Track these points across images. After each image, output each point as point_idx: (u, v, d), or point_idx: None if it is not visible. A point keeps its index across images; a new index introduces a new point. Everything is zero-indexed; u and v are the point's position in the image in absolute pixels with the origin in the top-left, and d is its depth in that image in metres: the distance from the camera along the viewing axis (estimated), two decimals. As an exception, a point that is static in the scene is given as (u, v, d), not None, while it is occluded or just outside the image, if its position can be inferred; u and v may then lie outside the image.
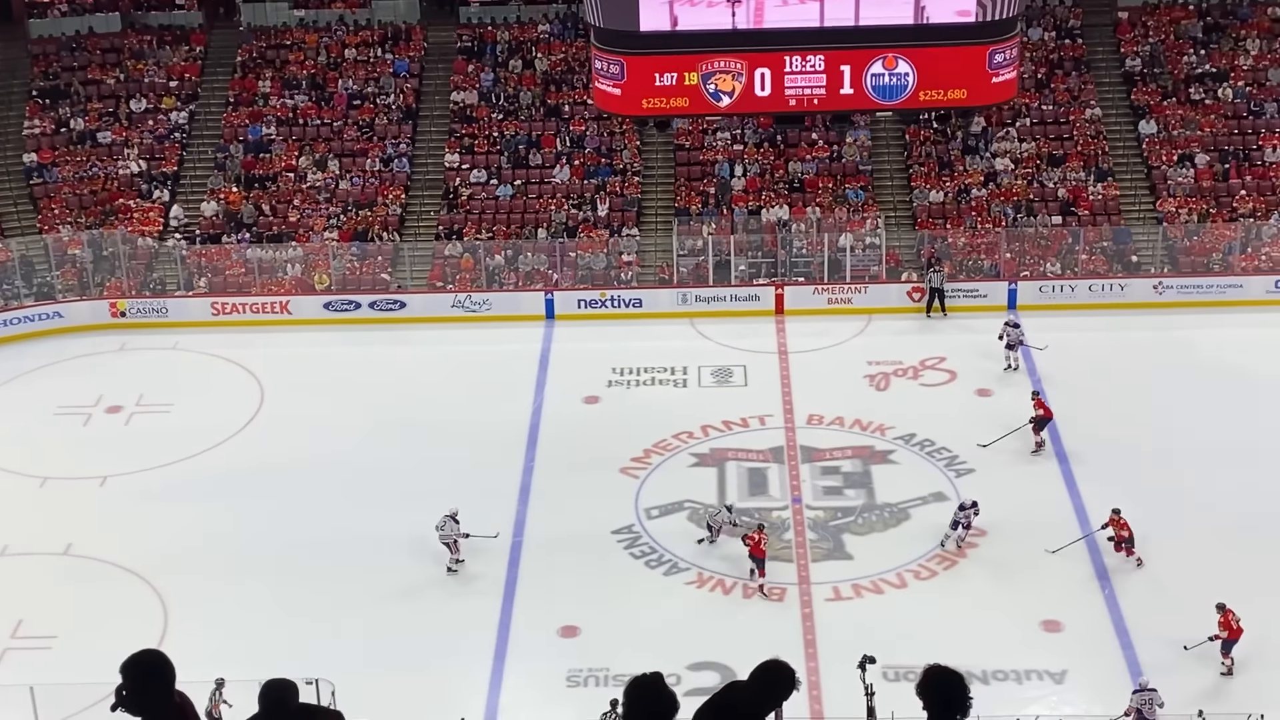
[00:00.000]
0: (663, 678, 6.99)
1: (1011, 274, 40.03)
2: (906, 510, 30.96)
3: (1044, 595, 27.83)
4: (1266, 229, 40.71)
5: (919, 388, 35.97)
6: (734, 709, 6.84)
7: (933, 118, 41.81)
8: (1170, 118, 43.38)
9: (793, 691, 7.01)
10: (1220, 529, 29.69)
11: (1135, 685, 24.51)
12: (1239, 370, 35.65)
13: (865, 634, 25.41)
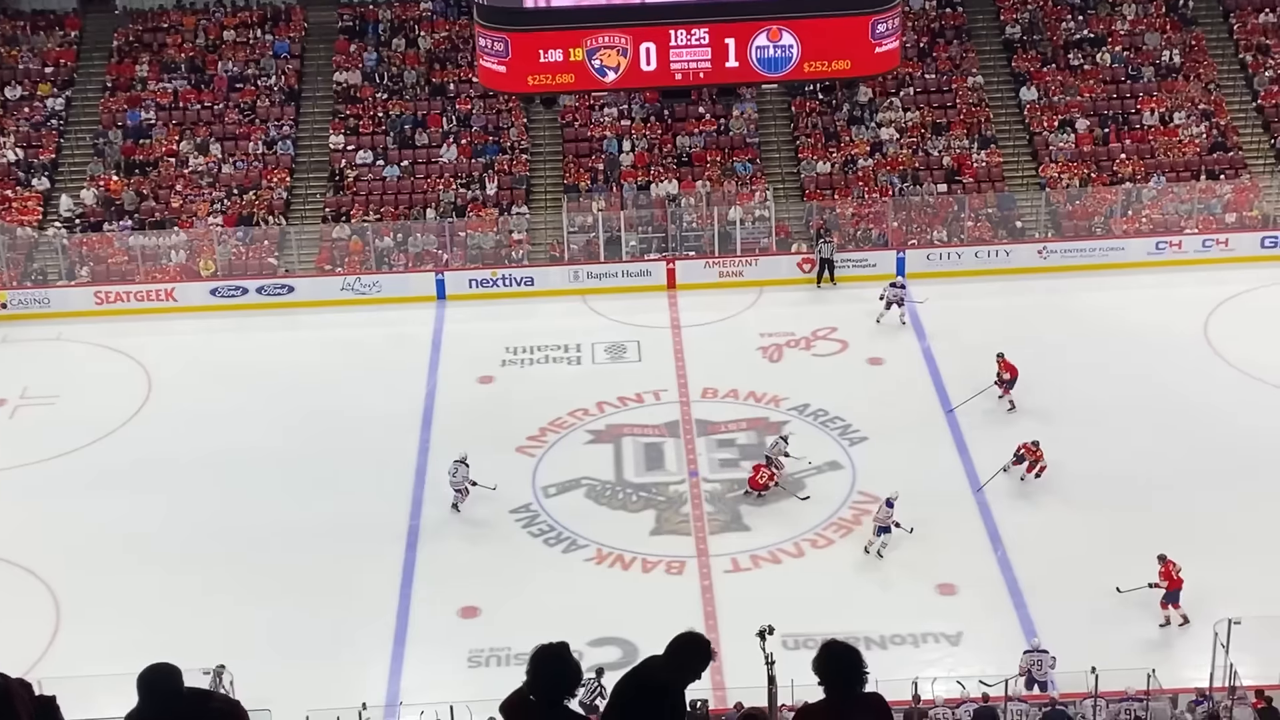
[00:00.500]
0: (568, 647, 7.04)
1: (899, 243, 40.45)
2: (802, 480, 31.22)
3: (938, 559, 28.23)
4: (1146, 192, 41.43)
5: (811, 358, 36.27)
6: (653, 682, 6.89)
7: (818, 89, 42.16)
8: (1050, 84, 43.99)
9: (709, 662, 7.09)
10: (1110, 486, 30.24)
11: (1027, 646, 24.97)
12: (1123, 330, 36.29)
13: (764, 604, 25.58)
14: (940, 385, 34.43)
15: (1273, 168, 42.14)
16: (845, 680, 6.47)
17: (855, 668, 6.50)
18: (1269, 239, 40.15)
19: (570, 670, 6.87)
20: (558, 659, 6.84)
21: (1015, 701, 23.59)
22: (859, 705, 6.34)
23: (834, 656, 6.53)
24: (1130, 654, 24.18)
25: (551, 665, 6.85)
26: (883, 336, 36.85)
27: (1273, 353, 34.94)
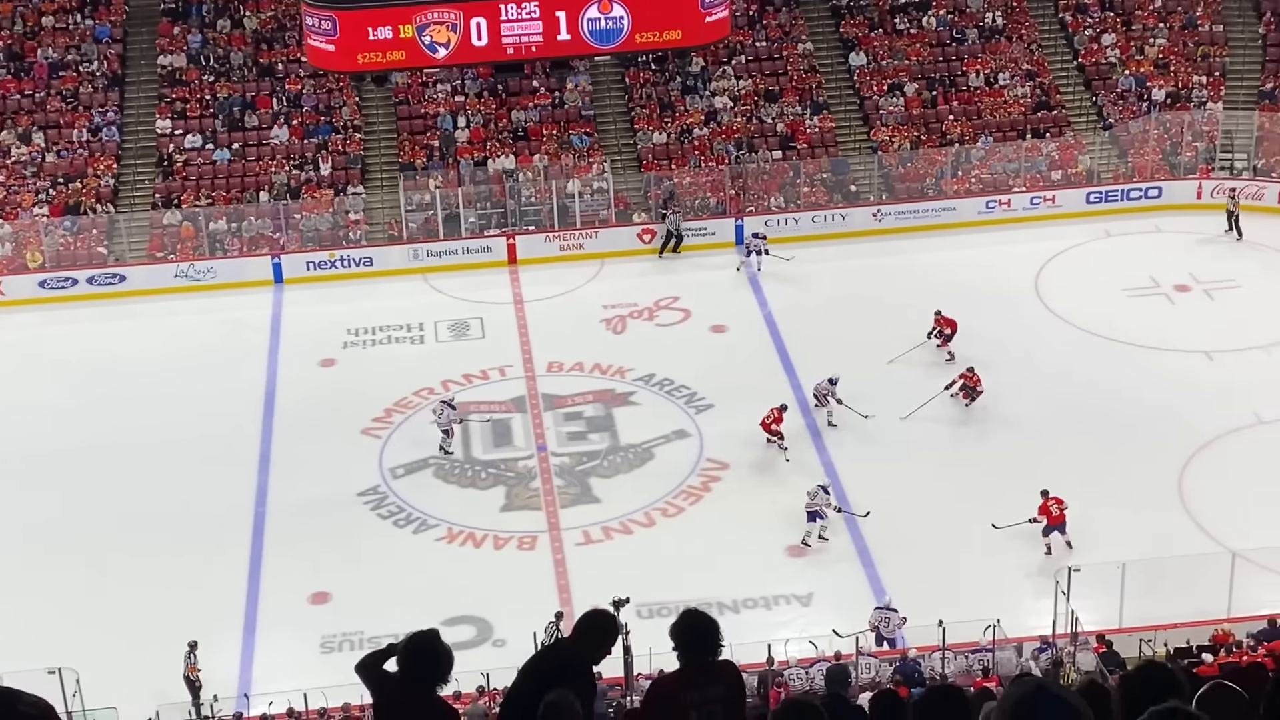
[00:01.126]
0: (439, 634, 7.00)
1: (737, 210, 40.74)
2: (650, 450, 31.39)
3: (787, 522, 28.54)
4: (975, 152, 42.19)
5: (655, 328, 36.43)
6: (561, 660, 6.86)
7: (651, 60, 42.27)
8: (878, 48, 44.54)
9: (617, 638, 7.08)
10: (951, 444, 30.82)
11: (878, 604, 25.40)
12: (957, 289, 36.88)
13: (617, 575, 25.75)
14: (783, 350, 34.80)
15: (1095, 125, 43.14)
16: (700, 648, 6.51)
17: (710, 636, 6.55)
18: (1094, 194, 41.14)
19: (443, 657, 6.84)
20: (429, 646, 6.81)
21: (866, 657, 23.97)
22: (713, 673, 6.40)
23: (690, 625, 6.58)
24: (975, 606, 24.64)
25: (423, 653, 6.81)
26: (725, 304, 37.11)
27: (1101, 306, 35.84)
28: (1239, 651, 23.33)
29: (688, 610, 6.67)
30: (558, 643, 7.25)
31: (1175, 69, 43.80)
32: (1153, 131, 42.35)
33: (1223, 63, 43.88)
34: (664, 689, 6.53)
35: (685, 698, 6.36)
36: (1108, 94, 43.66)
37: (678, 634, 6.55)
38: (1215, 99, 43.08)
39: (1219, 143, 42.11)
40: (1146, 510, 28.29)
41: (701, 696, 6.34)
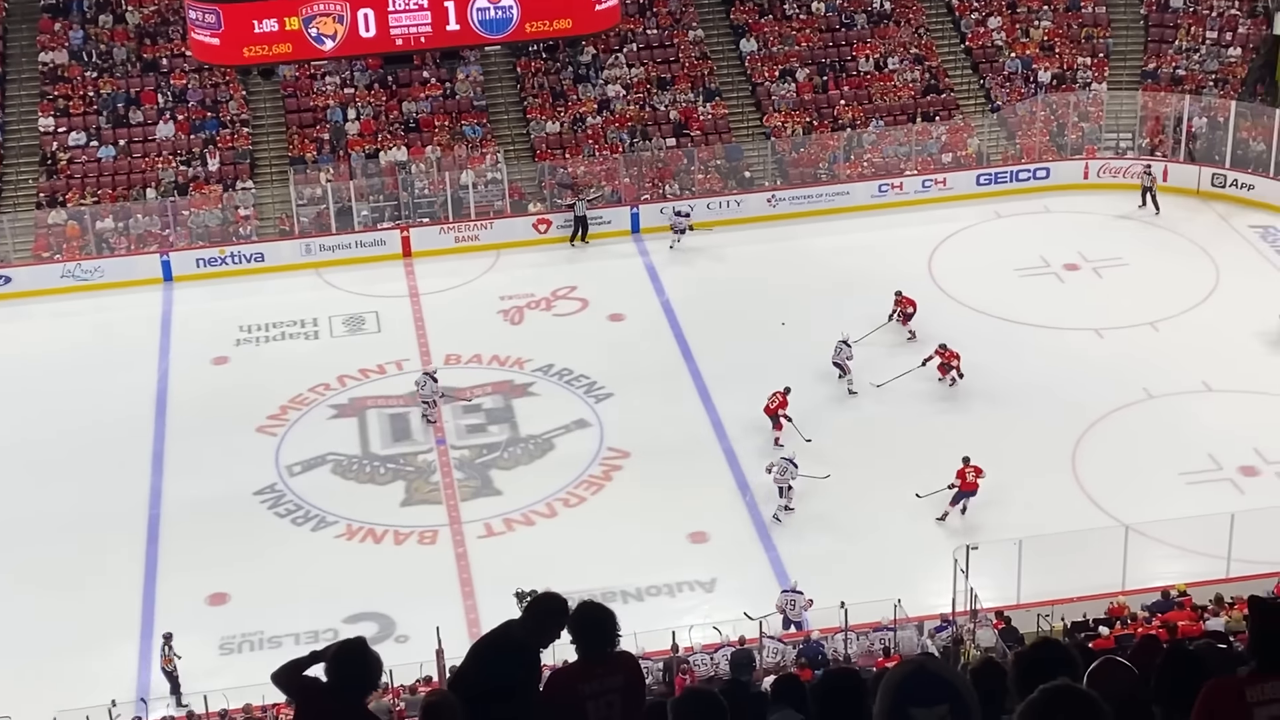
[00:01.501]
0: (366, 641, 6.92)
1: (633, 198, 40.74)
2: (551, 440, 31.34)
3: (689, 509, 28.62)
4: (866, 136, 42.50)
5: (553, 318, 36.35)
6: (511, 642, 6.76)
7: (541, 49, 42.14)
8: (769, 34, 44.71)
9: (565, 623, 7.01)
10: (850, 428, 31.02)
11: (785, 587, 25.54)
12: (852, 273, 37.18)
13: (520, 567, 25.73)
14: (681, 337, 34.87)
15: (983, 107, 43.61)
16: (597, 640, 6.50)
17: (606, 627, 6.54)
18: (984, 176, 41.59)
19: (372, 665, 6.77)
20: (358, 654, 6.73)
21: (771, 641, 24.10)
22: (610, 664, 6.39)
23: (585, 617, 6.56)
24: (875, 586, 24.86)
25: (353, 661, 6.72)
26: (622, 292, 37.11)
27: (992, 286, 36.24)
28: (1134, 624, 23.74)
29: (583, 602, 6.66)
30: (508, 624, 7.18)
31: (1060, 51, 44.38)
32: (1039, 113, 42.89)
33: (1106, 44, 44.52)
34: (561, 680, 6.52)
35: (583, 689, 6.35)
36: (995, 77, 44.15)
37: (574, 626, 6.53)
38: (1099, 80, 43.70)
39: (1104, 123, 42.72)
40: (1041, 487, 28.68)
41: (600, 687, 6.33)
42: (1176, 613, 24.15)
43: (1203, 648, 8.18)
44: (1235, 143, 40.91)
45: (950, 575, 24.70)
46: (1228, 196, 40.26)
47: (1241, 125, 41.14)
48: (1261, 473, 29.12)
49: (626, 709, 6.28)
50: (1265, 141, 40.58)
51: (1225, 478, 29.01)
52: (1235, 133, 40.97)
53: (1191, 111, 41.68)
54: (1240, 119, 41.15)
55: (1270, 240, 38.25)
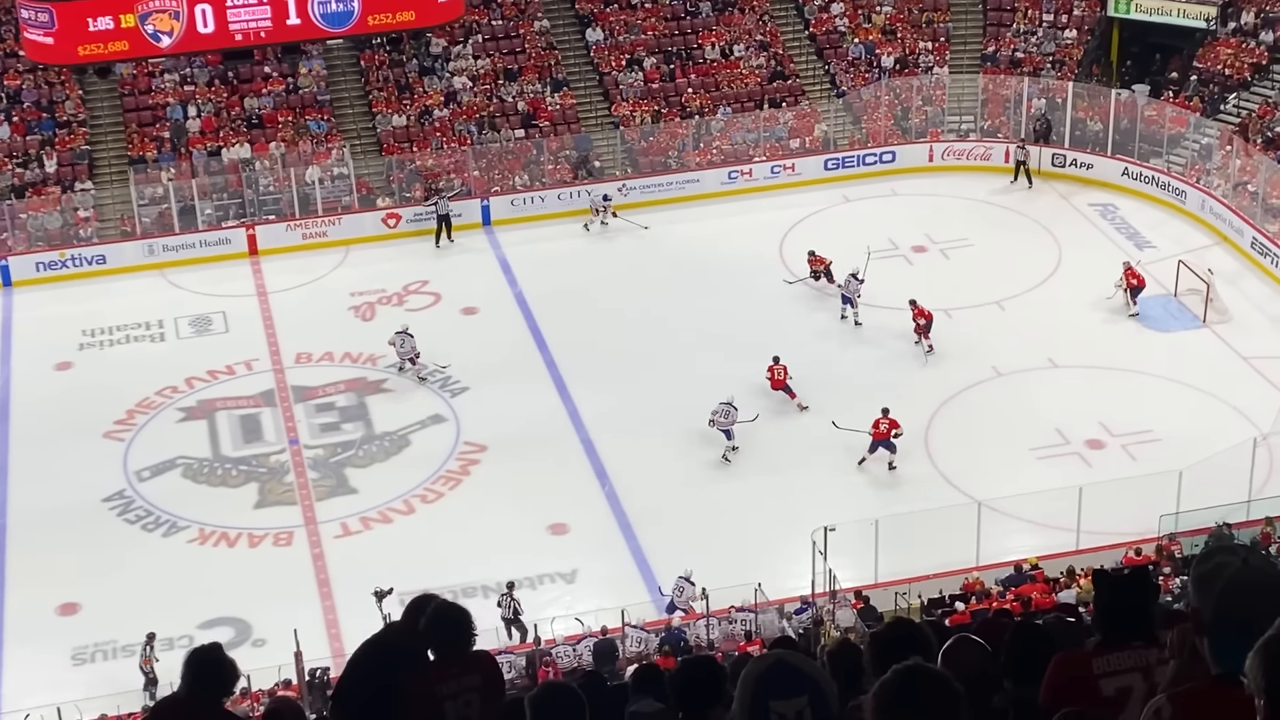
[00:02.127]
0: (221, 647, 6.81)
1: (483, 190, 40.56)
2: (406, 437, 31.13)
3: (548, 501, 28.60)
4: (714, 124, 42.73)
5: (405, 313, 36.01)
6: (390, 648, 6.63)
7: (385, 41, 41.78)
8: (614, 24, 44.74)
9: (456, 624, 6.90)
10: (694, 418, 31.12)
11: (681, 573, 25.47)
12: (704, 260, 37.37)
13: (379, 565, 25.51)
14: (535, 328, 34.80)
15: (829, 93, 44.06)
16: (452, 640, 6.46)
17: (461, 626, 6.49)
18: (831, 161, 42.02)
19: (227, 669, 6.67)
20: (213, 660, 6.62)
21: (633, 629, 24.18)
22: (467, 663, 6.36)
23: (439, 617, 6.51)
24: (736, 571, 25.05)
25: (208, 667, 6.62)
26: (474, 285, 36.94)
27: (842, 270, 36.56)
28: (988, 598, 24.19)
29: (439, 603, 6.61)
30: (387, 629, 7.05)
31: (902, 35, 44.99)
32: (884, 97, 43.43)
33: (946, 28, 45.21)
34: (418, 682, 6.46)
35: (440, 689, 6.30)
36: (839, 62, 44.62)
37: (429, 627, 6.48)
38: (941, 64, 44.38)
39: (946, 106, 43.39)
40: (896, 466, 29.06)
41: (457, 687, 6.29)
42: (1029, 586, 24.67)
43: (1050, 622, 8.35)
44: (1073, 123, 41.78)
45: (809, 557, 24.97)
46: (1067, 176, 41.10)
47: (1079, 106, 42.03)
48: (1107, 445, 29.81)
49: (485, 708, 6.24)
50: (1102, 121, 41.50)
51: (1073, 451, 29.65)
52: (1073, 113, 41.85)
53: (1031, 93, 42.48)
54: (1078, 100, 42.05)
55: (1109, 218, 39.14)
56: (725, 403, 29.68)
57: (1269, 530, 25.57)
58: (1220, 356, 32.86)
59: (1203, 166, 39.63)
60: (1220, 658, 4.17)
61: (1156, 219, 38.94)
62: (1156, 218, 39.03)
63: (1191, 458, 26.88)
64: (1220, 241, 37.51)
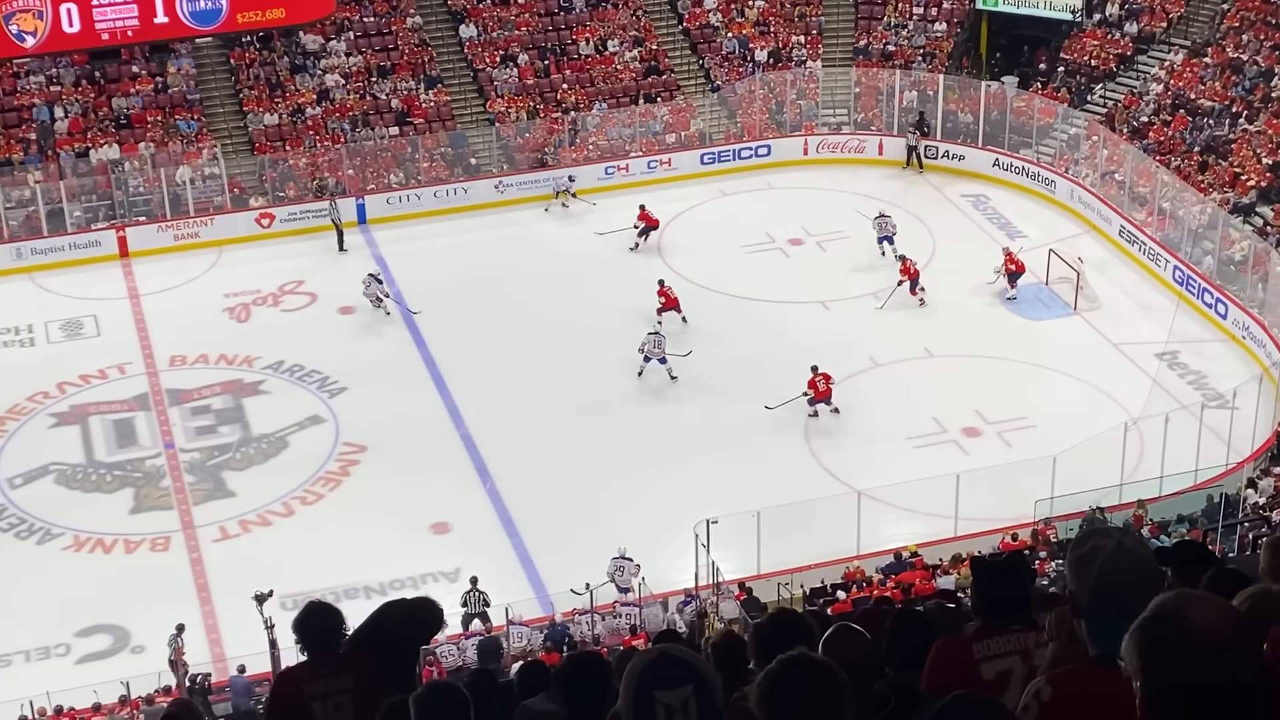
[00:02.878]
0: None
1: (357, 189, 40.20)
2: (285, 439, 30.80)
3: (430, 500, 28.46)
4: (590, 119, 42.72)
5: (281, 314, 35.69)
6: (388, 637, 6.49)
7: (256, 39, 41.29)
8: (488, 20, 44.55)
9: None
10: (584, 411, 31.15)
11: (615, 554, 25.62)
12: (582, 256, 37.37)
13: (259, 569, 25.21)
14: (413, 326, 34.59)
15: (704, 87, 44.23)
16: (322, 640, 6.41)
17: (332, 627, 6.44)
18: (707, 155, 42.18)
19: None
20: None
21: (517, 627, 24.14)
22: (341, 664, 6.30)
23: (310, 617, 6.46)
24: (621, 566, 25.10)
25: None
26: (352, 284, 36.56)
27: (720, 264, 36.81)
28: (869, 586, 24.44)
29: (309, 603, 6.56)
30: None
31: (775, 29, 45.28)
32: (758, 91, 43.70)
33: (819, 22, 45.57)
34: (287, 682, 6.41)
35: (310, 690, 6.23)
36: (713, 56, 44.81)
37: (299, 628, 6.43)
38: (814, 57, 44.73)
39: (820, 100, 43.74)
40: (776, 458, 29.28)
41: (327, 688, 6.22)
42: (909, 573, 24.97)
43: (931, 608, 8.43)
44: (944, 115, 42.32)
45: (693, 550, 25.06)
46: (940, 167, 41.63)
47: (950, 98, 42.58)
48: (983, 433, 30.25)
49: (358, 710, 6.17)
50: (972, 113, 42.07)
51: (950, 440, 30.05)
52: (944, 105, 42.39)
53: (902, 86, 42.96)
54: (948, 92, 42.59)
55: (981, 208, 39.70)
56: (653, 333, 31.90)
57: (1141, 513, 26.09)
58: (1091, 343, 33.48)
59: (1071, 156, 40.34)
60: (1097, 640, 4.23)
61: (1027, 209, 39.57)
62: (1027, 207, 39.66)
63: (1065, 443, 27.35)
64: (1089, 230, 38.21)
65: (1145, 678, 3.52)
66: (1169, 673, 3.48)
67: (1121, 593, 4.16)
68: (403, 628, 6.46)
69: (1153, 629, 3.54)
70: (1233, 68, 39.79)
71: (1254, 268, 33.91)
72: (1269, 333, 32.04)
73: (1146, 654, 3.52)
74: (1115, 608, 4.12)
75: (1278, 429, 29.18)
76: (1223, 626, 3.52)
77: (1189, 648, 3.48)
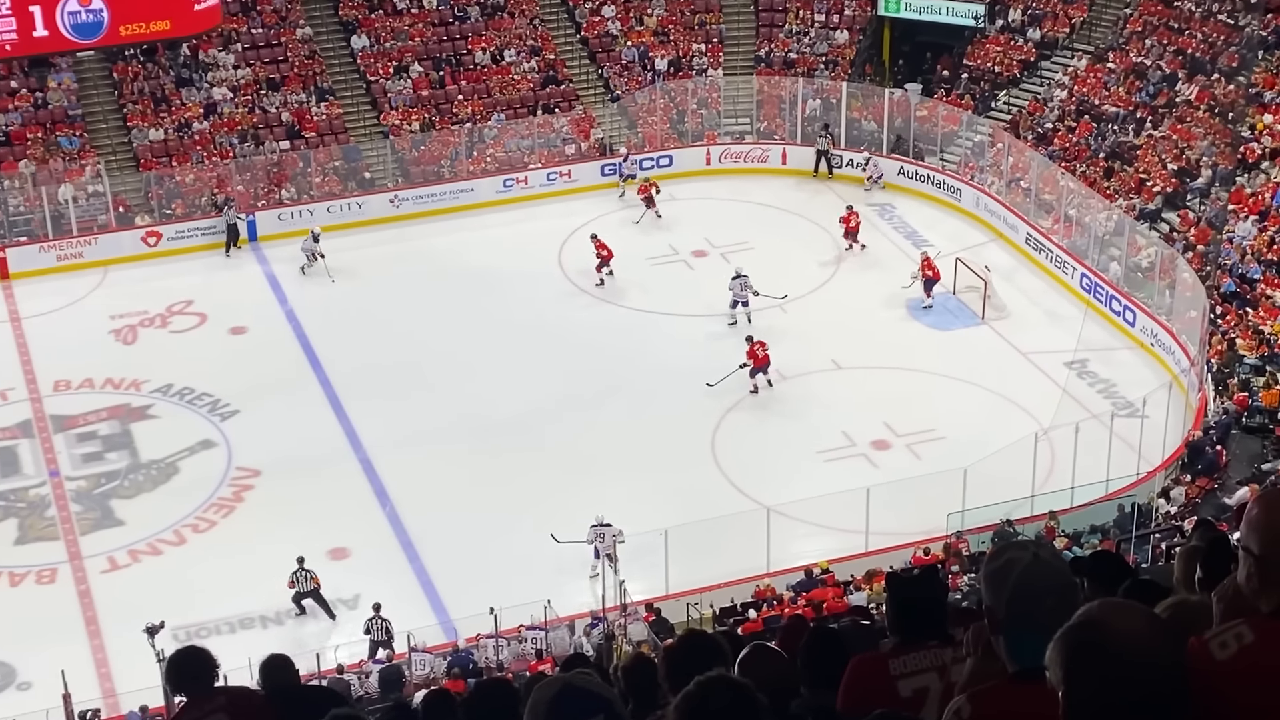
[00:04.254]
0: None
1: (247, 205, 39.82)
2: (175, 464, 30.43)
3: (327, 525, 28.17)
4: (488, 131, 42.64)
5: (169, 335, 35.25)
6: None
7: (139, 52, 40.83)
8: (380, 30, 44.36)
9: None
10: (492, 428, 31.01)
11: (593, 521, 26.01)
12: (482, 270, 37.25)
13: (150, 600, 24.89)
14: (308, 345, 34.32)
15: (603, 97, 44.31)
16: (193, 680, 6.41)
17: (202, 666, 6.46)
18: (608, 167, 42.21)
19: None
20: None
21: (419, 654, 23.99)
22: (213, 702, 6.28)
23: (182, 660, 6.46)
24: (524, 588, 24.99)
25: None
26: (243, 304, 36.27)
27: (625, 276, 36.81)
28: (780, 604, 24.53)
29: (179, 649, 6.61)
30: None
31: (675, 38, 45.46)
32: (659, 101, 43.82)
33: (719, 29, 45.82)
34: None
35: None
36: (613, 66, 44.90)
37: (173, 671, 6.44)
38: (715, 66, 44.95)
39: (722, 109, 43.95)
40: (684, 474, 29.28)
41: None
42: (821, 590, 25.08)
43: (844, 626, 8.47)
44: (848, 123, 42.66)
45: (599, 571, 25.02)
46: (845, 177, 41.89)
47: (853, 106, 42.94)
48: (892, 445, 30.46)
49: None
50: (876, 121, 42.45)
51: (859, 453, 30.23)
52: (848, 113, 42.73)
53: (805, 94, 43.26)
54: (852, 100, 42.95)
55: (887, 217, 40.02)
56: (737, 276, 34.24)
57: (1052, 524, 26.36)
58: (999, 352, 33.84)
59: (976, 164, 40.81)
60: (1016, 654, 4.25)
61: (933, 217, 39.95)
62: (933, 216, 40.05)
63: (975, 455, 27.56)
64: (995, 238, 38.64)
65: (1069, 688, 3.54)
66: (1093, 682, 3.50)
67: (1039, 605, 4.17)
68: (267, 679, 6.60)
69: (1077, 637, 3.56)
70: (1136, 73, 40.46)
71: (1161, 274, 34.42)
72: (1177, 340, 32.52)
73: (1070, 663, 3.54)
74: (1033, 621, 4.14)
75: (1188, 437, 29.57)
76: (1148, 635, 3.55)
77: (1114, 656, 3.50)
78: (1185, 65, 39.66)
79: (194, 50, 42.04)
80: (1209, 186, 36.39)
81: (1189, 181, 36.87)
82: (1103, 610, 3.62)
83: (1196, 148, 37.42)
